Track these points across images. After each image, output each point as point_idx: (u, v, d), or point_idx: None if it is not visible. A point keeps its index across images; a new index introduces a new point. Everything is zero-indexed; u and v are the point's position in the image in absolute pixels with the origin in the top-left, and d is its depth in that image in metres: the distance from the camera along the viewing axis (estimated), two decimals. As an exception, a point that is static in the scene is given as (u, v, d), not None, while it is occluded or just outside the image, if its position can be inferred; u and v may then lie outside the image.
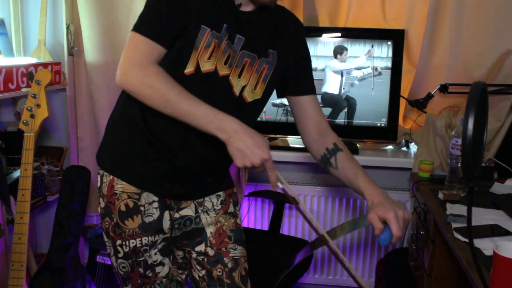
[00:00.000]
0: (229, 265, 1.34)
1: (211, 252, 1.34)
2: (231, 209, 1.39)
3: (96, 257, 2.28)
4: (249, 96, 1.25)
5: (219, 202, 1.37)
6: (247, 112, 1.27)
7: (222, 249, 1.35)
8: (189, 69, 1.17)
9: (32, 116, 1.72)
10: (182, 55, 1.17)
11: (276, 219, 2.24)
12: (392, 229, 1.11)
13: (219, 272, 1.34)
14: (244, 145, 1.05)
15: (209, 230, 1.35)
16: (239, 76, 1.22)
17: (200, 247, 1.35)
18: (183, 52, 1.16)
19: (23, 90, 1.97)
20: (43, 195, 2.16)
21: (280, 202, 2.25)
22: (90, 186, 2.16)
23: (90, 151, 2.48)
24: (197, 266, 1.36)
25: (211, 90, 1.20)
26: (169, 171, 1.26)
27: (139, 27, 1.13)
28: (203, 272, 1.35)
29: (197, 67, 1.17)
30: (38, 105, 1.72)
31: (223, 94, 1.22)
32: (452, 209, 1.64)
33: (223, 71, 1.20)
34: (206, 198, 1.35)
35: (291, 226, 2.48)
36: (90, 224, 2.52)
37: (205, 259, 1.35)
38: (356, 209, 2.40)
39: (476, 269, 1.04)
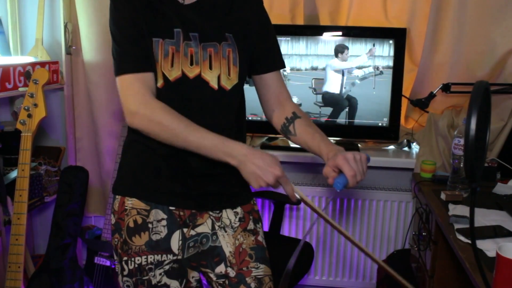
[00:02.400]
0: (252, 285, 1.29)
1: (232, 273, 1.29)
2: (250, 226, 1.34)
3: (94, 258, 2.28)
4: (227, 84, 1.25)
5: (237, 220, 1.32)
6: (230, 101, 1.28)
7: (244, 268, 1.30)
8: (160, 82, 1.20)
9: (29, 115, 1.72)
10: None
11: (277, 220, 2.24)
12: (344, 171, 1.14)
13: None
14: (256, 167, 1.10)
15: (228, 250, 1.30)
16: (210, 68, 1.22)
17: (220, 268, 1.30)
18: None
19: (20, 89, 1.97)
20: (41, 196, 2.16)
21: (281, 203, 2.25)
22: (88, 187, 2.16)
23: (88, 151, 2.48)
24: None
25: (187, 95, 1.21)
26: (184, 179, 1.25)
27: (122, 69, 1.18)
28: None
29: (164, 78, 1.19)
30: (35, 105, 1.72)
31: (201, 94, 1.22)
32: (455, 210, 1.64)
33: (192, 72, 1.21)
34: (224, 215, 1.31)
35: (292, 227, 2.48)
36: (88, 225, 2.52)
37: (227, 282, 1.30)
38: (358, 209, 2.41)
39: (478, 271, 1.04)
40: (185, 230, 1.28)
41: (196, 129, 1.14)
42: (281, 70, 1.40)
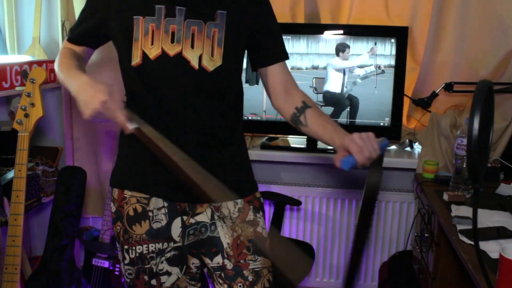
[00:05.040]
0: (250, 278, 1.30)
1: (229, 265, 1.30)
2: (250, 217, 1.32)
3: (92, 260, 2.28)
4: (209, 65, 1.22)
5: (236, 210, 1.31)
6: (213, 83, 1.25)
7: (241, 261, 1.30)
8: (136, 61, 1.20)
9: (26, 115, 1.72)
10: (125, 50, 1.22)
11: (277, 221, 2.24)
12: (351, 149, 1.14)
13: (240, 286, 1.29)
14: (85, 95, 1.11)
15: (226, 241, 1.30)
16: (192, 47, 1.21)
17: (217, 259, 1.31)
18: (125, 46, 1.22)
19: (17, 88, 1.97)
20: (38, 197, 2.16)
21: (281, 203, 2.25)
22: (86, 188, 2.16)
23: (85, 151, 2.48)
24: (218, 279, 1.33)
25: (167, 73, 1.21)
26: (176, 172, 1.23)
27: (68, 35, 1.37)
28: (225, 286, 1.31)
29: (144, 56, 1.20)
30: (32, 104, 1.72)
31: (181, 72, 1.21)
32: (457, 210, 1.64)
33: (173, 50, 1.20)
34: (223, 205, 1.30)
35: (292, 228, 2.48)
36: (85, 226, 2.52)
37: (223, 274, 1.30)
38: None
39: (482, 272, 1.04)
40: (184, 218, 1.29)
41: (69, 68, 1.23)
42: None
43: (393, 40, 2.20)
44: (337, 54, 2.24)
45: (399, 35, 2.20)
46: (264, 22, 1.32)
